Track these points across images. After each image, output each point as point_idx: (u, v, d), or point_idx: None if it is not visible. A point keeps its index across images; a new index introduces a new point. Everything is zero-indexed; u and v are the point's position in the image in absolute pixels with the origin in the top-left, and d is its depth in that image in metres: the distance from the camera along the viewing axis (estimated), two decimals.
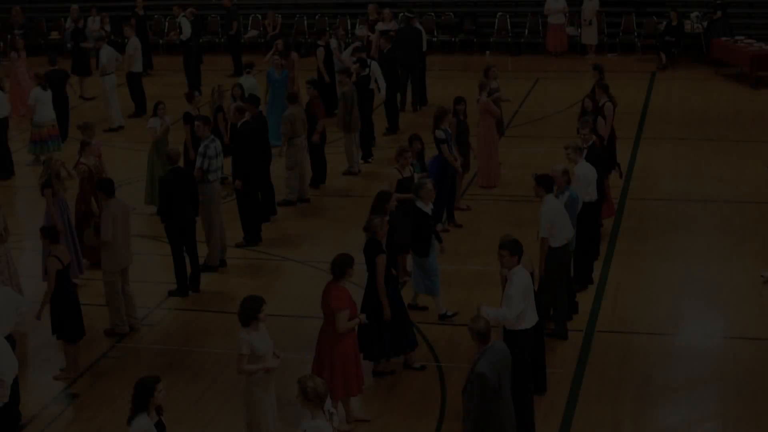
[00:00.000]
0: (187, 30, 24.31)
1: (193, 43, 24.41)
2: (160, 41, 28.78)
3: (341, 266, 10.14)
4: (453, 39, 28.02)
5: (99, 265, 14.26)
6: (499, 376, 8.71)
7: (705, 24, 25.62)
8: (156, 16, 28.02)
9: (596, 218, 13.58)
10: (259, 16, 29.01)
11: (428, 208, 12.56)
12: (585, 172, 12.87)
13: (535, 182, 11.80)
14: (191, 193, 13.66)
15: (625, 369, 11.48)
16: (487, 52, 27.71)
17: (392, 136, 20.27)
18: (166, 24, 27.60)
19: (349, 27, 27.88)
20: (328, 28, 24.15)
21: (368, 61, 19.55)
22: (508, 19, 27.87)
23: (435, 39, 27.26)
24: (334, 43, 21.74)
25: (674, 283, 13.59)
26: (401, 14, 22.93)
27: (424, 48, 22.22)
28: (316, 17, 28.72)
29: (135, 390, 8.16)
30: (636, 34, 26.87)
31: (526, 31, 27.72)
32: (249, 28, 28.97)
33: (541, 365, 10.86)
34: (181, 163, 13.91)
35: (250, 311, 9.26)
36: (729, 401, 10.80)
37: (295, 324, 12.79)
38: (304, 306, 13.28)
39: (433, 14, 28.09)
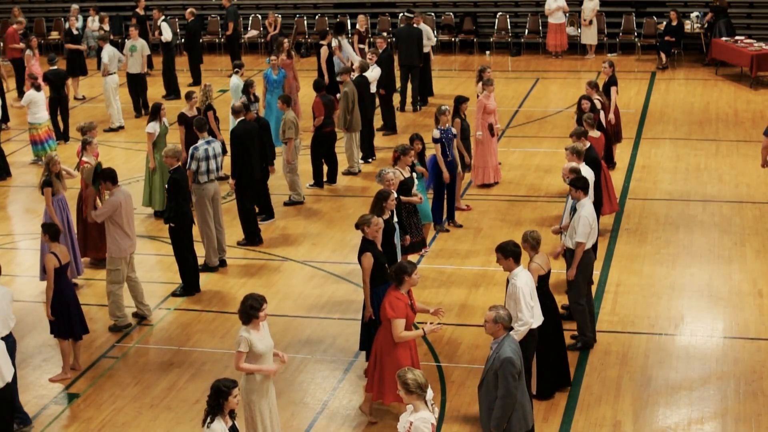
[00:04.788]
0: (167, 33, 24.17)
1: (176, 46, 24.22)
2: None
3: (397, 273, 9.93)
4: (453, 39, 28.02)
5: (99, 264, 14.33)
6: (520, 361, 8.82)
7: (705, 24, 25.61)
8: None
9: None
10: (259, 16, 29.01)
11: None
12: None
13: (572, 186, 11.71)
14: (190, 194, 13.67)
15: (625, 369, 11.48)
16: (487, 52, 27.70)
17: (391, 136, 20.24)
18: (148, 26, 27.46)
19: (349, 27, 27.87)
20: (328, 28, 24.09)
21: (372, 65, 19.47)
22: (508, 19, 27.87)
23: (435, 39, 27.23)
24: (335, 42, 21.73)
25: (674, 283, 13.58)
26: (401, 14, 22.90)
27: (425, 48, 22.18)
28: (316, 17, 28.73)
29: (211, 392, 8.23)
30: (636, 34, 26.85)
31: (526, 31, 27.71)
32: (249, 28, 28.95)
33: (564, 360, 10.95)
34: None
35: (250, 309, 9.27)
36: (729, 401, 10.80)
37: (295, 324, 12.79)
38: (304, 306, 13.30)
39: (433, 14, 28.08)
